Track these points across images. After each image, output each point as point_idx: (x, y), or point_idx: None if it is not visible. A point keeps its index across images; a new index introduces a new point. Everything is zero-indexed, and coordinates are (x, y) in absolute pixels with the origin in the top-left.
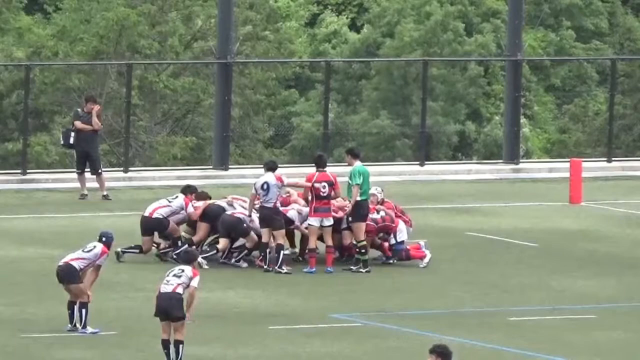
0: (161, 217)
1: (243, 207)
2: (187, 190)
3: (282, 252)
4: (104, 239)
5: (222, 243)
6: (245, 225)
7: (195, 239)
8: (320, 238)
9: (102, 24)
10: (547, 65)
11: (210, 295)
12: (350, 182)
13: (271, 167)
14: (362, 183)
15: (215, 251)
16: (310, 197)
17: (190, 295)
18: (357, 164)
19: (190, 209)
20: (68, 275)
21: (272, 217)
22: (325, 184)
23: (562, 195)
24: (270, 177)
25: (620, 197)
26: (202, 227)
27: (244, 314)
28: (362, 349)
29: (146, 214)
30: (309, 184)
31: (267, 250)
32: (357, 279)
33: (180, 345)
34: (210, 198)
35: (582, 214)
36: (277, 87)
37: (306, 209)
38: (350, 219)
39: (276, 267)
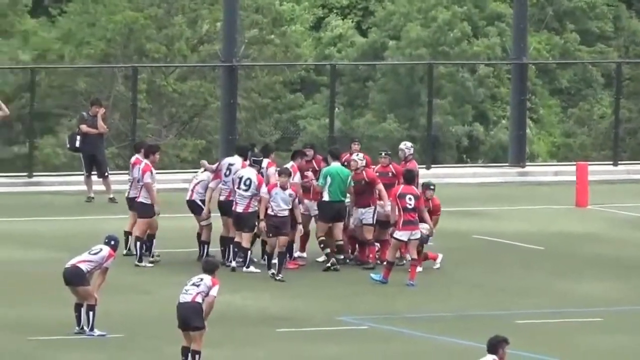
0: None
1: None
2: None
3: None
4: (112, 242)
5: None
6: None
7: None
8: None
9: (111, 27)
10: (553, 69)
11: (217, 298)
12: (315, 182)
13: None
14: (331, 185)
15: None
16: (397, 212)
17: (208, 304)
18: (334, 164)
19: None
20: (75, 278)
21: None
22: (412, 197)
23: (568, 199)
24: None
25: (627, 200)
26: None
27: (251, 316)
28: (369, 352)
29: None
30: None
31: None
32: (365, 281)
33: (197, 356)
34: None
35: (588, 217)
36: (283, 91)
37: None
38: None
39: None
